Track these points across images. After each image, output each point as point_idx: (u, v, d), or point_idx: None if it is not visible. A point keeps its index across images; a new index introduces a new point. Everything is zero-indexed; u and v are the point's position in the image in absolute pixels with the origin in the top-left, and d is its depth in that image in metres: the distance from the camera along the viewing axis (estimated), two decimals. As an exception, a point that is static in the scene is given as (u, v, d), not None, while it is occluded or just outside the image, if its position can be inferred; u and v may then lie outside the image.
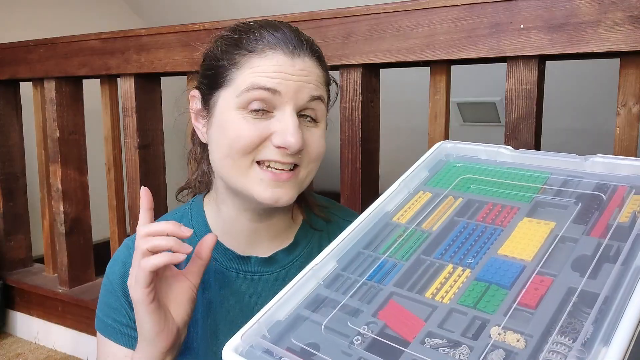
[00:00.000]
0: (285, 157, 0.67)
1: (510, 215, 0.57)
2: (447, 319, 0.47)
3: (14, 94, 2.01)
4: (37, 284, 1.92)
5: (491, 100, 2.48)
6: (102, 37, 1.59)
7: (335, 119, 1.23)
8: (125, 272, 0.76)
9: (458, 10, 1.04)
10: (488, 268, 0.51)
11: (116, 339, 0.76)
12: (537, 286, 0.47)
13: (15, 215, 2.04)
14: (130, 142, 1.60)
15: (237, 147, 0.67)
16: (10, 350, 1.90)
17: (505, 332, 0.43)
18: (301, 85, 0.67)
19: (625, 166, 0.57)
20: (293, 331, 0.51)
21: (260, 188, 0.68)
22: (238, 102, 0.67)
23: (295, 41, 0.69)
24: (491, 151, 0.68)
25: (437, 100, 1.14)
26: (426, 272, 0.54)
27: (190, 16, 2.75)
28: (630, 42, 0.90)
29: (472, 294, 0.49)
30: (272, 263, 0.78)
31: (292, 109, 0.67)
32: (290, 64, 0.67)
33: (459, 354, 0.43)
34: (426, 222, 0.60)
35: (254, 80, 0.66)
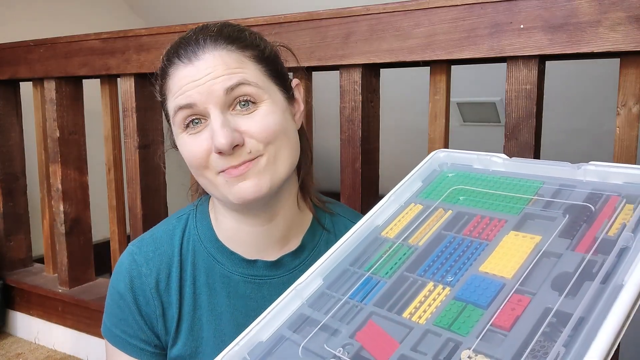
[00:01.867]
0: (231, 160, 0.66)
1: (497, 229, 0.56)
2: (422, 340, 0.47)
3: (14, 94, 2.01)
4: (37, 284, 1.92)
5: (491, 100, 2.48)
6: (102, 37, 1.59)
7: (335, 119, 1.23)
8: (133, 281, 0.75)
9: (458, 10, 1.04)
10: (467, 286, 0.50)
11: (125, 349, 0.76)
12: (514, 306, 0.46)
13: (15, 215, 2.04)
14: (130, 142, 1.60)
15: (194, 166, 0.69)
16: (10, 350, 1.90)
17: (476, 356, 0.42)
18: (210, 85, 0.66)
19: (618, 174, 0.56)
20: (272, 353, 0.51)
21: (228, 189, 0.68)
22: (176, 128, 0.70)
23: (193, 43, 0.68)
24: (485, 159, 0.67)
25: (437, 100, 1.14)
26: (407, 291, 0.53)
27: (190, 16, 2.75)
28: (630, 42, 0.90)
29: (448, 314, 0.48)
30: (279, 267, 0.77)
31: (215, 109, 0.66)
32: (191, 70, 0.67)
33: None
34: (413, 237, 0.60)
35: (173, 104, 0.68)
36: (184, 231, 0.78)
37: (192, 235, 0.78)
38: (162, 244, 0.77)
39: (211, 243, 0.77)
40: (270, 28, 1.25)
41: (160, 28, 1.47)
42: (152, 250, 0.77)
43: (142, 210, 1.60)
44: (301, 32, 1.22)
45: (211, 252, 0.77)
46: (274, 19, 1.25)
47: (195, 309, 0.75)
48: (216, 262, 0.76)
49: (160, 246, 0.77)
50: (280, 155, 0.69)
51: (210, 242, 0.77)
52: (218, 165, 0.67)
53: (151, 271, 0.75)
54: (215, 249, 0.77)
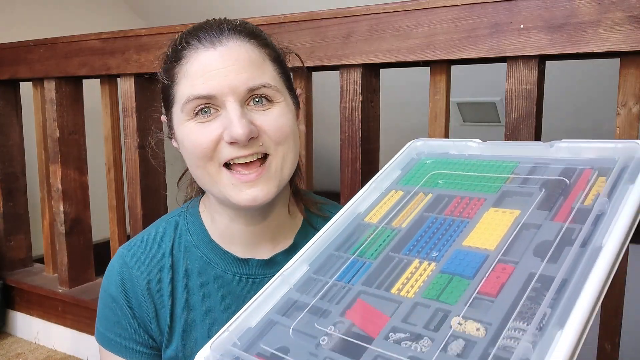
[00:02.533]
0: (243, 150, 0.65)
1: (477, 207, 0.57)
2: (411, 313, 0.48)
3: (14, 94, 2.01)
4: (37, 284, 1.92)
5: (491, 100, 2.48)
6: (102, 37, 1.59)
7: (335, 119, 1.23)
8: (124, 284, 0.75)
9: (458, 10, 1.04)
10: (452, 260, 0.51)
11: (120, 352, 0.75)
12: (499, 274, 0.47)
13: (15, 215, 2.04)
14: (130, 142, 1.60)
15: (196, 155, 0.67)
16: (10, 350, 1.90)
17: (466, 322, 0.44)
18: (233, 78, 0.65)
19: (589, 149, 0.57)
20: (263, 337, 0.52)
21: (234, 192, 0.67)
22: (184, 115, 0.67)
23: (215, 29, 0.67)
24: (460, 145, 0.69)
25: (437, 100, 1.14)
26: (394, 270, 0.54)
27: (191, 16, 2.74)
28: (630, 42, 0.90)
29: (435, 286, 0.49)
30: (272, 265, 0.77)
31: (234, 101, 0.65)
32: (214, 57, 0.65)
33: (421, 346, 0.44)
34: (396, 220, 0.61)
35: (189, 91, 0.66)
36: (175, 232, 0.78)
37: (184, 236, 0.78)
38: (153, 246, 0.77)
39: (204, 243, 0.77)
40: (270, 28, 1.25)
41: (160, 28, 1.47)
42: (143, 252, 0.76)
43: (142, 210, 1.60)
44: (301, 32, 1.22)
45: (204, 252, 0.76)
46: (274, 19, 1.25)
47: (188, 310, 0.75)
48: (209, 261, 0.76)
49: (151, 248, 0.77)
50: (287, 159, 0.69)
51: (203, 243, 0.77)
52: (226, 155, 0.66)
53: (142, 273, 0.75)
54: (208, 249, 0.76)
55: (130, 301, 0.74)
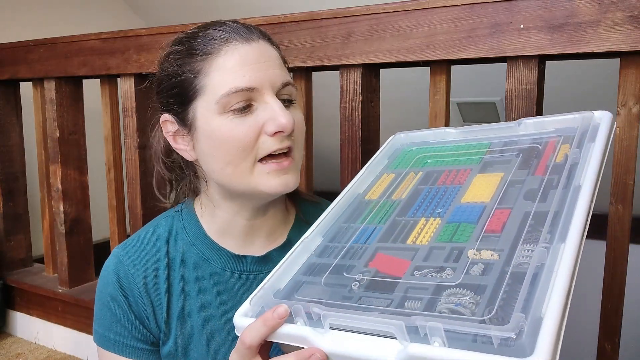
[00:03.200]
0: (283, 142, 0.68)
1: (465, 175, 0.66)
2: (429, 255, 0.55)
3: (14, 94, 2.01)
4: (37, 284, 1.92)
5: (491, 100, 2.48)
6: (102, 37, 1.59)
7: (335, 119, 1.23)
8: (121, 282, 0.75)
9: (458, 10, 1.04)
10: (455, 213, 0.59)
11: (121, 351, 0.75)
12: (499, 217, 0.55)
13: (15, 215, 2.04)
14: (130, 142, 1.60)
15: (235, 149, 0.67)
16: (10, 350, 1.90)
17: (480, 252, 0.51)
18: (271, 73, 0.68)
19: (552, 122, 0.67)
20: (296, 292, 0.57)
21: (268, 180, 0.68)
22: (218, 107, 0.66)
23: (244, 28, 0.70)
24: (438, 133, 0.77)
25: (437, 100, 1.14)
26: (404, 228, 0.61)
27: (191, 16, 2.75)
28: (630, 42, 0.90)
29: (446, 233, 0.56)
30: (267, 262, 0.78)
31: (272, 94, 0.68)
32: (251, 51, 0.68)
33: (445, 274, 0.51)
34: (395, 194, 0.68)
35: (230, 83, 0.66)
36: (170, 231, 0.79)
37: (180, 235, 0.78)
38: (147, 245, 0.77)
39: (200, 240, 0.78)
40: (270, 28, 1.25)
41: (160, 28, 1.47)
42: (138, 251, 0.77)
43: (142, 210, 1.60)
44: (301, 32, 1.22)
45: (200, 249, 0.77)
46: (274, 19, 1.25)
47: (184, 306, 0.76)
48: (205, 258, 0.77)
49: (146, 247, 0.77)
50: (300, 157, 0.74)
51: (198, 240, 0.78)
52: (267, 147, 0.67)
53: (138, 271, 0.75)
54: (204, 246, 0.77)
55: (128, 298, 0.75)
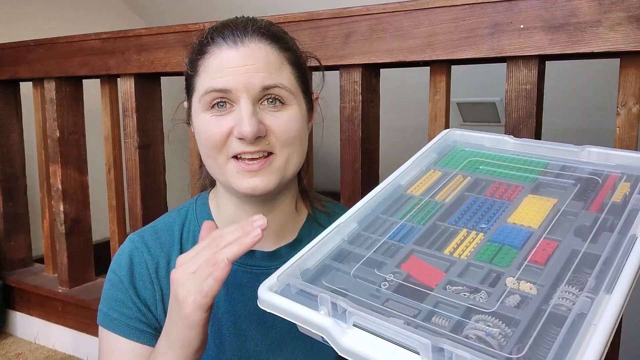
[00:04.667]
0: (249, 147, 0.69)
1: (516, 193, 0.64)
2: (465, 271, 0.53)
3: (14, 94, 2.00)
4: (37, 284, 1.92)
5: (491, 100, 2.48)
6: (102, 37, 1.59)
7: (335, 119, 1.23)
8: (132, 266, 0.77)
9: (458, 10, 1.04)
10: (500, 232, 0.57)
11: (122, 332, 0.75)
12: (545, 248, 0.53)
13: (15, 215, 2.04)
14: (130, 142, 1.60)
15: (208, 146, 0.71)
16: (10, 350, 1.90)
17: (519, 282, 0.49)
18: (249, 76, 0.68)
19: (616, 156, 0.65)
20: (323, 277, 0.56)
21: (237, 180, 0.70)
22: (201, 106, 0.71)
23: (240, 29, 0.71)
24: (495, 139, 0.75)
25: (437, 100, 1.14)
26: (443, 235, 0.59)
27: (191, 16, 2.74)
28: (630, 42, 0.90)
29: (486, 252, 0.55)
30: (276, 258, 0.79)
31: (247, 99, 0.68)
32: (235, 55, 0.69)
33: (479, 297, 0.49)
34: (439, 195, 0.66)
35: (207, 84, 0.70)
36: (184, 222, 0.81)
37: (192, 226, 0.80)
38: (162, 234, 0.80)
39: None
40: (270, 28, 1.25)
41: (160, 28, 1.47)
42: (153, 239, 0.79)
43: (142, 210, 1.60)
44: (301, 32, 1.22)
45: None
46: (274, 19, 1.24)
47: None
48: None
49: (161, 236, 0.79)
50: (291, 160, 0.72)
51: None
52: (234, 148, 0.70)
53: (152, 257, 0.77)
54: None
55: (136, 283, 0.76)
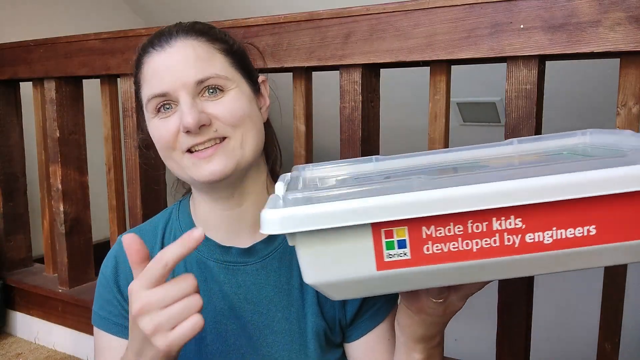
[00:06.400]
0: (197, 138, 0.71)
1: None
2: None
3: (14, 94, 2.00)
4: (37, 284, 1.92)
5: (491, 100, 2.48)
6: (102, 37, 1.59)
7: (335, 119, 1.23)
8: (117, 265, 0.81)
9: (458, 10, 1.04)
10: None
11: (110, 329, 0.80)
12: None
13: (15, 215, 2.04)
14: (130, 142, 1.60)
15: (162, 147, 0.74)
16: (10, 350, 1.90)
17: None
18: (181, 75, 0.71)
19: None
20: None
21: (195, 170, 0.72)
22: (148, 114, 0.76)
23: (167, 34, 0.74)
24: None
25: (437, 100, 1.14)
26: None
27: (191, 16, 2.74)
28: (630, 42, 0.90)
29: None
30: (252, 254, 0.80)
31: (185, 94, 0.71)
32: (164, 58, 0.72)
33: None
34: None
35: (147, 92, 0.74)
36: (167, 224, 0.85)
37: (174, 227, 0.84)
38: (147, 235, 0.84)
39: None
40: (270, 28, 1.25)
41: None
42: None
43: (142, 210, 1.60)
44: (301, 32, 1.22)
45: None
46: (274, 19, 1.25)
47: None
48: None
49: (145, 236, 0.83)
50: (247, 139, 0.73)
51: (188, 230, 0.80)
52: (185, 143, 0.71)
53: None
54: None
55: (119, 281, 0.80)
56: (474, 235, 0.44)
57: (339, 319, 0.80)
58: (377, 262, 0.45)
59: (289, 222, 0.46)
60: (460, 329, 2.26)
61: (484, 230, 0.44)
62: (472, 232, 0.44)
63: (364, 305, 0.80)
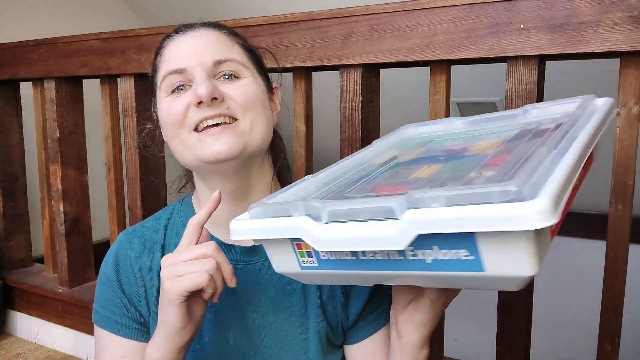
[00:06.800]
0: (208, 111, 0.70)
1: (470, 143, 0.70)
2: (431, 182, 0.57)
3: (14, 94, 2.00)
4: (37, 284, 1.92)
5: (491, 100, 2.48)
6: (102, 37, 1.59)
7: (335, 119, 1.23)
8: (118, 263, 0.81)
9: (458, 10, 1.04)
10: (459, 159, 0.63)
11: (112, 329, 0.79)
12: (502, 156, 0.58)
13: (15, 215, 2.04)
14: (130, 142, 1.60)
15: (170, 124, 0.73)
16: (10, 350, 1.91)
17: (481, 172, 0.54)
18: (201, 53, 0.73)
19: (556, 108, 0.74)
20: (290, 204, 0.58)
21: (201, 149, 0.71)
22: (162, 93, 0.75)
23: (190, 25, 0.78)
24: (443, 122, 0.81)
25: (437, 100, 1.14)
26: (405, 171, 0.63)
27: (191, 16, 2.74)
28: (630, 42, 0.90)
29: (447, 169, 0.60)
30: (255, 253, 0.80)
31: (200, 72, 0.72)
32: (185, 38, 0.75)
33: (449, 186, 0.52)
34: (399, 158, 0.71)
35: (164, 69, 0.74)
36: (169, 220, 0.85)
37: (176, 223, 0.84)
38: (148, 232, 0.84)
39: None
40: (270, 28, 1.25)
41: (160, 28, 1.47)
42: (139, 237, 0.83)
43: (142, 210, 1.60)
44: (301, 32, 1.22)
45: None
46: (274, 19, 1.25)
47: None
48: None
49: (146, 234, 0.83)
50: (256, 124, 0.74)
51: None
52: (194, 117, 0.71)
53: (136, 254, 0.81)
54: None
55: (121, 279, 0.80)
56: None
57: (341, 321, 0.80)
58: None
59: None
60: (460, 329, 2.26)
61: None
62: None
63: (366, 308, 0.80)
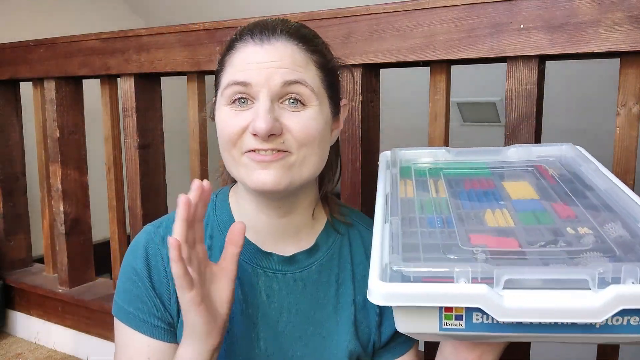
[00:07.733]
0: (263, 144, 0.68)
1: (490, 182, 0.70)
2: (528, 233, 0.56)
3: (14, 94, 2.00)
4: (37, 284, 1.92)
5: (491, 100, 2.48)
6: (102, 37, 1.59)
7: (335, 119, 1.23)
8: (149, 258, 0.76)
9: (458, 10, 1.04)
10: (517, 205, 0.62)
11: (138, 327, 0.75)
12: (562, 207, 0.60)
13: (15, 215, 2.04)
14: (130, 142, 1.60)
15: (224, 139, 0.71)
16: (10, 350, 1.90)
17: (577, 228, 0.55)
18: (272, 72, 0.68)
19: (536, 150, 0.77)
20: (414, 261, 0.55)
21: (248, 173, 0.69)
22: (222, 99, 0.71)
23: (269, 29, 0.70)
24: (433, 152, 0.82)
25: (437, 100, 1.14)
26: (475, 216, 0.62)
27: (191, 16, 2.74)
28: (630, 42, 0.90)
29: (526, 217, 0.59)
30: (293, 263, 0.78)
31: (266, 95, 0.68)
32: (259, 51, 0.69)
33: (560, 245, 0.54)
34: (432, 193, 0.69)
35: (229, 77, 0.70)
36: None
37: (210, 222, 0.79)
38: None
39: None
40: (270, 28, 1.25)
41: (160, 28, 1.47)
42: (170, 232, 0.76)
43: (142, 210, 1.60)
44: (301, 32, 1.21)
45: None
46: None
47: None
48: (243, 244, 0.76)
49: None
50: (308, 161, 0.71)
51: (228, 229, 0.76)
52: (248, 144, 0.69)
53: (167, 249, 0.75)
54: None
55: (152, 275, 0.75)
56: None
57: (374, 341, 0.80)
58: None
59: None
60: (460, 329, 2.26)
61: None
62: None
63: None
